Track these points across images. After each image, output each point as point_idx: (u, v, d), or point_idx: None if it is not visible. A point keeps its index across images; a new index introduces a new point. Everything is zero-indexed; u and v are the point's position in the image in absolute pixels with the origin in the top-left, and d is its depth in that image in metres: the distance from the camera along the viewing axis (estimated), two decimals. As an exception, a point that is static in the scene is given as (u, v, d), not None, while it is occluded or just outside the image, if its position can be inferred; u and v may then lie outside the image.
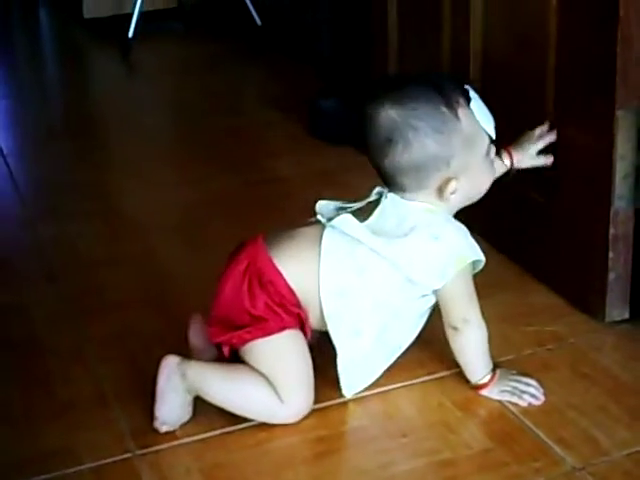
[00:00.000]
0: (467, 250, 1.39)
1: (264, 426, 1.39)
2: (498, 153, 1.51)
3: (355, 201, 1.46)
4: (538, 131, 1.59)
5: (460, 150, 1.37)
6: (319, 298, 1.39)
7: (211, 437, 1.38)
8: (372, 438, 1.37)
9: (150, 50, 3.28)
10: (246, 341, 1.38)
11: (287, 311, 1.38)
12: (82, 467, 1.33)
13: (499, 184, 1.47)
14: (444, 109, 1.36)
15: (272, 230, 1.45)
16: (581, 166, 1.59)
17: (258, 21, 3.35)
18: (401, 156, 1.37)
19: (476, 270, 1.43)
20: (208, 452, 1.35)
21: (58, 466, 1.33)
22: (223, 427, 1.39)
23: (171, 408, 1.38)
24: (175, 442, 1.37)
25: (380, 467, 1.31)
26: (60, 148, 2.52)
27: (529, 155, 1.59)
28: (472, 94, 1.39)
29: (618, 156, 1.52)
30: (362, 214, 1.42)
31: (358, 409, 1.41)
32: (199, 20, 3.56)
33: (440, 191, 1.39)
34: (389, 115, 1.36)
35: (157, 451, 1.35)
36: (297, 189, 2.18)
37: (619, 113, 1.49)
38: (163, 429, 1.38)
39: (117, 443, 1.37)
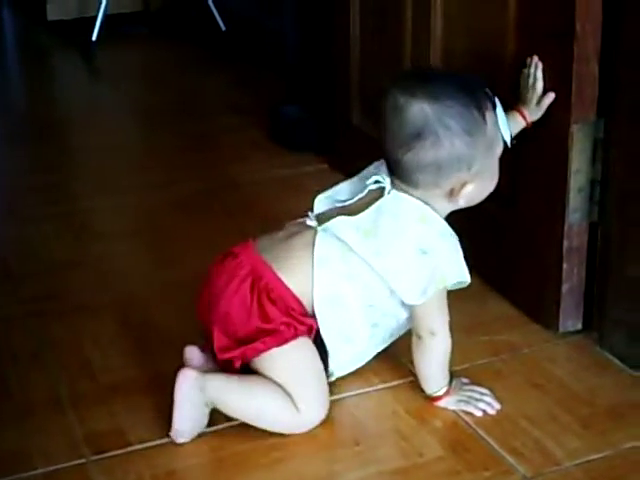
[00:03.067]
0: (452, 270, 1.39)
1: (218, 433, 1.39)
2: (506, 113, 1.49)
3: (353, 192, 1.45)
4: (531, 79, 1.53)
5: (482, 154, 1.37)
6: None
7: (165, 444, 1.38)
8: (325, 446, 1.38)
9: (114, 53, 3.27)
10: (260, 352, 1.38)
11: (298, 321, 1.39)
12: (35, 472, 1.33)
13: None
14: (475, 112, 1.35)
15: (261, 235, 1.45)
16: (537, 179, 1.61)
17: (223, 26, 3.35)
18: (427, 152, 1.35)
19: (458, 287, 1.42)
20: (161, 459, 1.35)
21: (11, 471, 1.33)
22: (177, 434, 1.40)
23: (189, 421, 1.37)
24: (129, 448, 1.37)
25: (333, 475, 1.32)
26: (21, 151, 2.51)
27: (536, 107, 1.54)
28: (496, 100, 1.40)
29: (573, 170, 1.54)
30: (359, 206, 1.41)
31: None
32: (164, 24, 3.56)
33: (452, 193, 1.39)
34: (422, 109, 1.34)
35: (111, 457, 1.35)
36: (258, 194, 2.19)
37: (574, 127, 1.51)
38: (179, 440, 1.37)
39: (71, 448, 1.37)
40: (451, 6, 1.77)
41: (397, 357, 1.50)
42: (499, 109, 1.40)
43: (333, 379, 1.45)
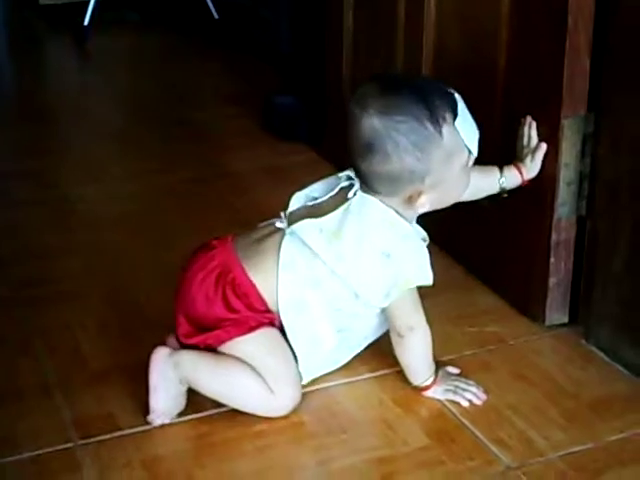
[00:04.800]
0: (415, 274, 1.39)
1: (206, 419, 1.40)
2: (501, 169, 1.55)
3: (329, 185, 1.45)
4: (525, 139, 1.56)
5: (437, 166, 1.36)
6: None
7: (153, 429, 1.38)
8: (312, 434, 1.39)
9: (106, 39, 3.27)
10: (223, 341, 1.39)
11: (261, 316, 1.40)
12: (22, 456, 1.33)
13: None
14: (429, 125, 1.33)
15: (239, 233, 1.46)
16: (527, 172, 1.62)
17: (215, 14, 3.35)
18: (378, 166, 1.35)
19: (422, 286, 1.42)
20: (149, 444, 1.36)
21: (-2, 454, 1.33)
22: (165, 419, 1.41)
23: (166, 400, 1.38)
24: (117, 433, 1.37)
25: (319, 463, 1.33)
26: (10, 136, 2.51)
27: (531, 164, 1.56)
28: (460, 106, 1.37)
29: (562, 163, 1.55)
30: (329, 206, 1.41)
31: (299, 405, 1.42)
32: (156, 11, 3.55)
33: (410, 199, 1.39)
34: (372, 123, 1.33)
35: (99, 441, 1.36)
36: (249, 184, 2.20)
37: (565, 122, 1.52)
38: (158, 422, 1.38)
39: (59, 432, 1.37)
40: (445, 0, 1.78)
41: (384, 347, 1.50)
42: (462, 117, 1.37)
43: (304, 383, 1.44)
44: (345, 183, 1.43)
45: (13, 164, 2.34)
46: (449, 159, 1.37)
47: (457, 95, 1.38)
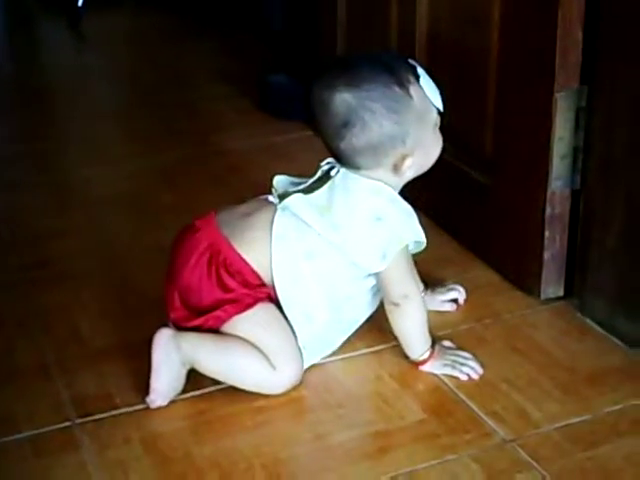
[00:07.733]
0: (408, 231, 1.41)
1: (204, 396, 1.41)
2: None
3: (310, 176, 1.47)
4: (452, 286, 1.63)
5: (414, 127, 1.39)
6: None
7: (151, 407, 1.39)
8: (310, 409, 1.39)
9: (100, 20, 3.26)
10: (223, 321, 1.40)
11: (257, 291, 1.41)
12: (21, 435, 1.34)
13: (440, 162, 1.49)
14: (397, 89, 1.37)
15: (223, 208, 1.46)
16: (520, 146, 1.62)
17: (210, -7, 3.34)
18: (358, 138, 1.38)
19: (417, 250, 1.46)
20: (148, 421, 1.36)
21: (-4, 434, 1.34)
22: (163, 397, 1.41)
23: (167, 381, 1.38)
24: (115, 411, 1.38)
25: (317, 437, 1.34)
26: (6, 118, 2.51)
27: (437, 301, 1.61)
28: (419, 70, 1.41)
29: (556, 137, 1.55)
30: (314, 188, 1.43)
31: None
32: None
33: (396, 167, 1.41)
34: (344, 99, 1.37)
35: (97, 420, 1.36)
36: (245, 163, 2.20)
37: (558, 95, 1.52)
38: (156, 404, 1.38)
39: (57, 412, 1.38)
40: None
41: (381, 322, 1.51)
42: (424, 78, 1.41)
43: (305, 367, 1.44)
44: (326, 167, 1.45)
45: (9, 146, 2.34)
46: (422, 118, 1.41)
47: (412, 61, 1.43)
